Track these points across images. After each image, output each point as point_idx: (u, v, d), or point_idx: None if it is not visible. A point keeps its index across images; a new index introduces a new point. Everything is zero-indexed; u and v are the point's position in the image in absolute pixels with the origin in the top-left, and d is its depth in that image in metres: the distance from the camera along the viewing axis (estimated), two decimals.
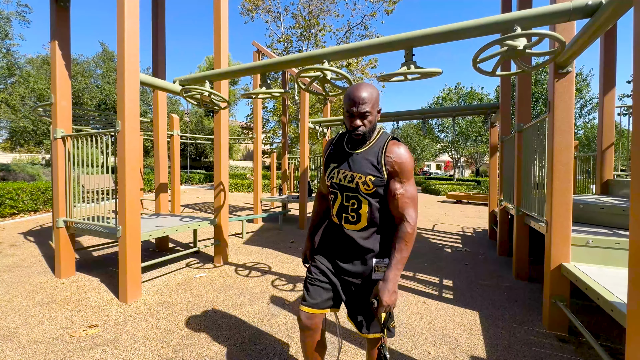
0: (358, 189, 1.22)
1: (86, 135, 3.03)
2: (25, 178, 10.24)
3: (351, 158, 1.27)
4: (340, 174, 1.27)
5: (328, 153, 1.37)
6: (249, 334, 2.16)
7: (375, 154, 1.23)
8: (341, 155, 1.30)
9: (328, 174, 1.32)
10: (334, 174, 1.29)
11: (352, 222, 1.27)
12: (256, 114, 6.87)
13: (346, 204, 1.27)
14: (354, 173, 1.23)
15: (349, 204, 1.26)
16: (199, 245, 3.87)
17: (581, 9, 1.70)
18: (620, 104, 4.70)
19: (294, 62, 2.53)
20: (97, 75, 20.76)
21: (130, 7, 2.60)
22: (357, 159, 1.25)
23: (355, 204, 1.25)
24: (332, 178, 1.29)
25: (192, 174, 19.27)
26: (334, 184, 1.29)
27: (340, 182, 1.26)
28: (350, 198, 1.25)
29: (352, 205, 1.25)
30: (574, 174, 4.81)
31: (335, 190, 1.30)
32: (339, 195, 1.28)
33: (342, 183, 1.25)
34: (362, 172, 1.21)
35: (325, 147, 1.42)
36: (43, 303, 2.59)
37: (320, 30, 14.40)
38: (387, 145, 1.23)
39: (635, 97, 1.26)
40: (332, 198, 1.32)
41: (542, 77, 16.73)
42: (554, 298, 2.23)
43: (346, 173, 1.25)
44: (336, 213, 1.31)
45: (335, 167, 1.30)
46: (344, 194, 1.26)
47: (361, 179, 1.21)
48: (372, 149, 1.25)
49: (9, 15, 12.17)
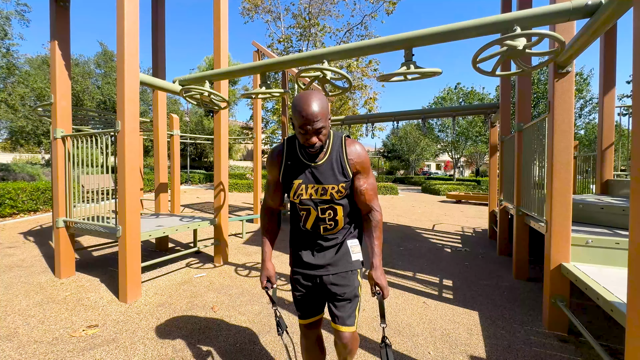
0: (332, 199, 1.22)
1: (86, 135, 3.03)
2: (25, 178, 10.24)
3: (315, 171, 1.22)
4: (310, 189, 1.22)
5: (284, 167, 1.26)
6: (249, 334, 2.16)
7: (338, 161, 1.22)
8: (302, 169, 1.23)
9: (294, 191, 1.23)
10: (302, 191, 1.22)
11: (330, 229, 1.28)
12: (256, 114, 6.87)
13: (322, 216, 1.25)
14: (326, 185, 1.21)
15: (326, 215, 1.25)
16: (199, 245, 3.87)
17: (581, 9, 1.70)
18: (620, 104, 4.69)
19: (294, 62, 2.53)
20: (97, 76, 20.75)
21: (130, 7, 2.60)
22: (323, 170, 1.21)
23: (332, 213, 1.25)
24: (301, 195, 1.23)
25: (192, 174, 19.26)
26: (305, 201, 1.23)
27: (311, 197, 1.22)
28: (326, 210, 1.24)
29: (328, 216, 1.25)
30: (574, 174, 4.81)
31: (307, 206, 1.24)
32: (312, 210, 1.24)
33: (315, 197, 1.22)
34: (334, 182, 1.21)
35: (271, 158, 1.30)
36: (43, 303, 2.59)
37: (321, 30, 14.40)
38: (345, 148, 1.23)
39: (635, 97, 1.26)
40: (304, 214, 1.26)
41: (542, 77, 16.73)
42: (554, 298, 2.23)
43: (316, 187, 1.21)
44: (312, 226, 1.27)
45: (301, 184, 1.22)
46: (318, 207, 1.23)
47: (334, 189, 1.21)
48: (333, 156, 1.22)
49: (9, 15, 12.16)
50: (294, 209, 1.32)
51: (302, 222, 1.28)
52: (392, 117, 5.71)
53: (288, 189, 1.26)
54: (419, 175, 35.09)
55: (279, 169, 1.27)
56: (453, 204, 11.38)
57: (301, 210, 1.27)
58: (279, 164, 1.27)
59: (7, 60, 13.22)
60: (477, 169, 33.48)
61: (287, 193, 1.28)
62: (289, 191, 1.26)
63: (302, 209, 1.26)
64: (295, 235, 1.38)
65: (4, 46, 12.65)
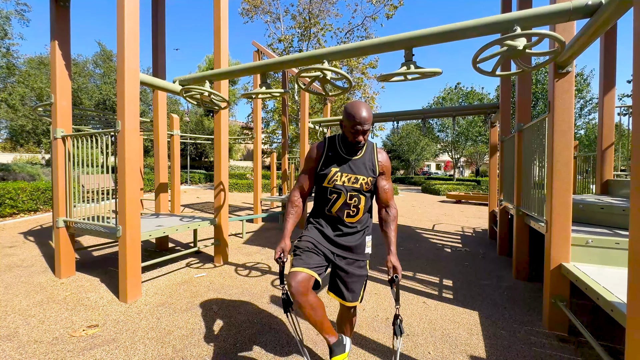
0: (361, 188, 1.49)
1: (86, 135, 3.03)
2: (25, 178, 10.23)
3: (352, 163, 1.51)
4: (344, 177, 1.49)
5: (325, 157, 1.53)
6: (249, 334, 2.16)
7: (370, 160, 1.54)
8: (340, 161, 1.51)
9: (330, 177, 1.49)
10: (337, 177, 1.49)
11: (352, 215, 1.53)
12: (256, 114, 6.87)
13: (349, 202, 1.50)
14: (358, 175, 1.49)
15: (352, 201, 1.50)
16: (199, 245, 3.87)
17: (581, 9, 1.70)
18: (620, 104, 4.70)
19: (294, 62, 2.53)
20: (96, 75, 20.74)
21: (130, 8, 2.60)
22: (358, 164, 1.51)
23: (357, 200, 1.51)
24: (336, 180, 1.49)
25: (192, 174, 19.26)
26: (338, 186, 1.49)
27: (344, 183, 1.48)
28: (353, 196, 1.50)
29: (354, 202, 1.51)
30: (574, 174, 4.81)
31: (339, 190, 1.49)
32: (343, 194, 1.49)
33: (347, 184, 1.49)
34: (365, 175, 1.51)
35: (314, 150, 1.56)
36: (43, 303, 2.59)
37: (321, 29, 14.39)
38: (376, 152, 1.57)
39: (635, 97, 1.26)
40: (334, 197, 1.50)
41: (542, 77, 16.72)
42: (554, 298, 2.23)
43: (350, 176, 1.49)
44: (337, 210, 1.51)
45: (338, 171, 1.49)
46: (348, 193, 1.49)
47: (364, 180, 1.50)
48: (366, 156, 1.54)
49: (8, 14, 12.15)
50: (323, 195, 1.54)
51: (329, 206, 1.51)
52: (392, 117, 5.71)
53: (323, 176, 1.51)
54: (419, 175, 35.10)
55: (320, 157, 1.54)
56: (453, 204, 11.38)
57: (332, 194, 1.51)
58: (321, 154, 1.54)
59: (7, 60, 13.22)
60: (477, 169, 33.47)
61: (321, 180, 1.52)
62: (324, 178, 1.51)
63: (333, 193, 1.50)
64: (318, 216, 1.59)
65: (4, 46, 12.64)
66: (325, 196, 1.53)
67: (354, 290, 1.54)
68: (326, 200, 1.53)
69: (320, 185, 1.54)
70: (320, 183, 1.54)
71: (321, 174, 1.52)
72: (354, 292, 1.54)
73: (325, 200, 1.54)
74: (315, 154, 1.56)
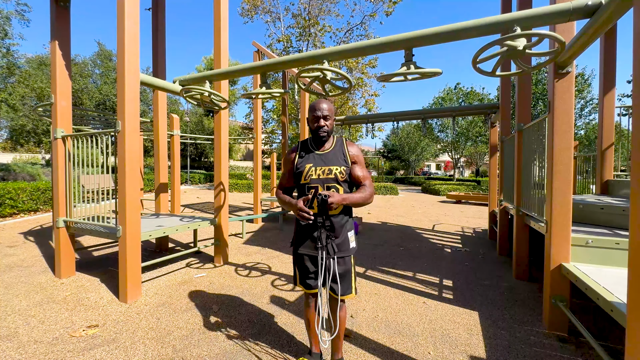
0: (336, 178, 1.59)
1: (86, 135, 3.03)
2: (26, 178, 10.24)
3: (323, 156, 1.64)
4: (318, 170, 1.60)
5: (299, 157, 1.66)
6: (249, 334, 2.16)
7: (340, 151, 1.66)
8: (313, 157, 1.64)
9: (306, 173, 1.60)
10: (312, 172, 1.60)
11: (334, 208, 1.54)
12: (256, 114, 6.87)
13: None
14: (331, 167, 1.60)
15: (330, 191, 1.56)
16: (199, 245, 3.87)
17: (581, 9, 1.70)
18: (620, 104, 4.70)
19: (294, 63, 2.53)
20: (95, 75, 20.74)
21: (130, 8, 2.60)
22: (329, 156, 1.64)
23: (335, 192, 1.57)
24: (311, 175, 1.59)
25: (192, 174, 19.27)
26: (314, 180, 1.59)
27: (319, 176, 1.59)
28: (330, 187, 1.59)
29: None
30: (574, 174, 4.81)
31: (315, 185, 1.58)
32: (319, 188, 1.56)
33: (322, 177, 1.59)
34: (337, 165, 1.61)
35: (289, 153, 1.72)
36: (43, 303, 2.59)
37: (320, 30, 14.40)
38: (346, 145, 1.69)
39: (635, 97, 1.26)
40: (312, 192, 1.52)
41: (543, 77, 16.72)
42: (554, 298, 2.23)
43: (324, 168, 1.60)
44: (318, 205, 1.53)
45: (312, 167, 1.61)
46: (325, 185, 1.59)
47: (337, 169, 1.60)
48: (336, 148, 1.67)
49: (9, 15, 12.15)
50: (302, 192, 1.63)
51: (309, 203, 1.51)
52: (392, 117, 5.71)
53: (300, 174, 1.62)
54: (419, 175, 35.09)
55: (294, 158, 1.67)
56: (453, 204, 11.38)
57: (310, 189, 1.56)
58: (295, 155, 1.69)
59: (8, 60, 13.22)
60: (477, 169, 33.46)
61: (299, 178, 1.62)
62: (300, 175, 1.61)
63: (311, 188, 1.56)
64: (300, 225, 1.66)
65: (4, 46, 12.65)
66: (305, 193, 1.61)
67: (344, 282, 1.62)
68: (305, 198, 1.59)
69: (300, 184, 1.64)
70: (298, 182, 1.64)
71: (298, 173, 1.64)
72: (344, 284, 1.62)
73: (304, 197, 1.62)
74: (290, 156, 1.71)
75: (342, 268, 1.61)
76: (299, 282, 1.72)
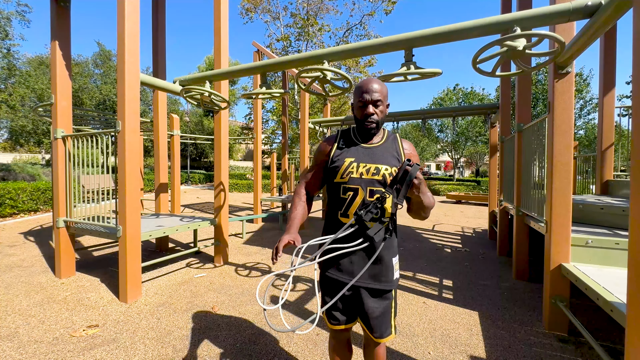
0: (385, 181, 1.19)
1: (86, 135, 3.03)
2: (26, 178, 10.24)
3: (370, 151, 1.24)
4: (362, 167, 1.21)
5: (337, 148, 1.27)
6: (249, 334, 2.16)
7: (394, 147, 1.27)
8: (356, 150, 1.25)
9: (344, 168, 1.21)
10: (353, 169, 1.20)
11: (376, 219, 1.17)
12: (256, 114, 6.87)
13: (370, 199, 1.19)
14: (379, 165, 1.21)
15: (373, 199, 1.18)
16: (199, 245, 3.87)
17: (581, 10, 1.71)
18: (619, 104, 4.70)
19: (294, 63, 2.53)
20: (96, 76, 20.75)
21: (130, 8, 2.60)
22: (378, 151, 1.24)
23: (380, 198, 1.16)
24: (351, 173, 1.20)
25: (192, 174, 19.27)
26: (354, 179, 1.20)
27: (361, 176, 1.20)
28: (374, 192, 1.19)
29: (376, 201, 1.16)
30: (574, 174, 4.81)
31: (355, 186, 1.20)
32: (360, 190, 1.19)
33: (366, 177, 1.20)
34: (388, 163, 1.21)
35: (325, 143, 1.32)
36: (43, 303, 2.59)
37: (319, 29, 14.41)
38: (400, 141, 1.30)
39: (635, 97, 1.26)
40: (350, 195, 1.20)
41: (542, 78, 16.74)
42: (554, 298, 2.23)
43: (369, 166, 1.21)
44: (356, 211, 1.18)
45: (353, 161, 1.21)
46: (367, 188, 1.19)
47: (387, 170, 1.20)
48: (388, 142, 1.28)
49: (9, 15, 12.16)
50: (335, 197, 1.25)
51: (345, 208, 1.20)
52: (392, 117, 5.71)
53: (336, 170, 1.23)
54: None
55: (330, 149, 1.28)
56: (453, 204, 11.38)
57: (347, 191, 1.21)
58: (332, 145, 1.29)
59: (8, 61, 13.22)
60: (477, 170, 33.46)
61: (333, 176, 1.24)
62: (336, 171, 1.23)
63: (348, 190, 1.21)
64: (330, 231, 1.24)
65: (5, 47, 12.65)
66: (339, 196, 1.23)
67: (382, 323, 1.24)
68: (340, 201, 1.22)
69: (333, 183, 1.25)
70: (332, 180, 1.25)
71: (333, 167, 1.25)
72: (382, 325, 1.24)
73: (338, 203, 1.23)
74: (325, 146, 1.31)
75: (379, 305, 1.23)
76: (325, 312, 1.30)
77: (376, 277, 1.22)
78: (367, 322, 1.24)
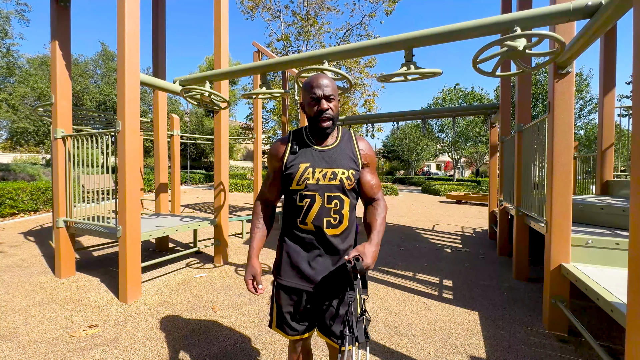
0: (342, 186, 1.14)
1: (86, 135, 3.03)
2: (26, 178, 10.24)
3: (325, 154, 1.17)
4: (318, 173, 1.13)
5: (290, 152, 1.18)
6: (248, 334, 2.16)
7: (349, 148, 1.20)
8: (310, 153, 1.17)
9: (299, 175, 1.14)
10: (309, 175, 1.13)
11: (334, 225, 1.15)
12: (256, 114, 6.87)
13: (328, 206, 1.14)
14: (336, 169, 1.14)
15: (331, 205, 1.14)
16: (199, 245, 3.87)
17: (581, 10, 1.71)
18: (620, 104, 4.70)
19: (294, 63, 2.54)
20: (97, 76, 20.77)
21: (131, 8, 2.60)
22: (333, 154, 1.17)
23: (338, 204, 1.15)
24: (307, 179, 1.13)
25: (192, 174, 19.27)
26: (311, 186, 1.13)
27: (318, 181, 1.13)
28: (332, 198, 1.14)
29: (334, 207, 1.15)
30: (574, 174, 4.81)
31: (312, 192, 1.13)
32: (317, 197, 1.13)
33: (322, 182, 1.13)
34: (345, 167, 1.15)
35: (276, 146, 1.23)
36: (43, 303, 2.59)
37: (319, 29, 14.41)
38: (355, 139, 1.23)
39: (635, 97, 1.26)
40: (307, 203, 1.14)
41: (542, 78, 16.74)
42: (554, 298, 2.23)
43: (325, 171, 1.14)
44: (314, 219, 1.14)
45: (309, 167, 1.14)
46: (324, 194, 1.13)
47: (344, 174, 1.14)
48: (343, 143, 1.20)
49: (9, 14, 12.16)
50: (292, 204, 1.18)
51: (302, 216, 1.15)
52: (392, 117, 5.72)
53: (291, 177, 1.16)
54: (419, 175, 35.11)
55: (283, 154, 1.19)
56: (453, 204, 11.38)
57: (304, 198, 1.14)
58: (284, 150, 1.20)
59: (8, 60, 13.23)
60: (477, 170, 33.47)
61: (289, 183, 1.17)
62: (291, 178, 1.15)
63: (305, 197, 1.14)
64: (289, 237, 1.21)
65: (4, 46, 12.65)
66: (296, 204, 1.16)
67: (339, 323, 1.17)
68: (297, 209, 1.16)
69: (289, 190, 1.18)
70: (288, 187, 1.18)
71: (287, 174, 1.17)
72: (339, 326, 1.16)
73: (296, 210, 1.17)
74: (278, 149, 1.21)
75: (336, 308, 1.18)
76: (276, 324, 1.25)
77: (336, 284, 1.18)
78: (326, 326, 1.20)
